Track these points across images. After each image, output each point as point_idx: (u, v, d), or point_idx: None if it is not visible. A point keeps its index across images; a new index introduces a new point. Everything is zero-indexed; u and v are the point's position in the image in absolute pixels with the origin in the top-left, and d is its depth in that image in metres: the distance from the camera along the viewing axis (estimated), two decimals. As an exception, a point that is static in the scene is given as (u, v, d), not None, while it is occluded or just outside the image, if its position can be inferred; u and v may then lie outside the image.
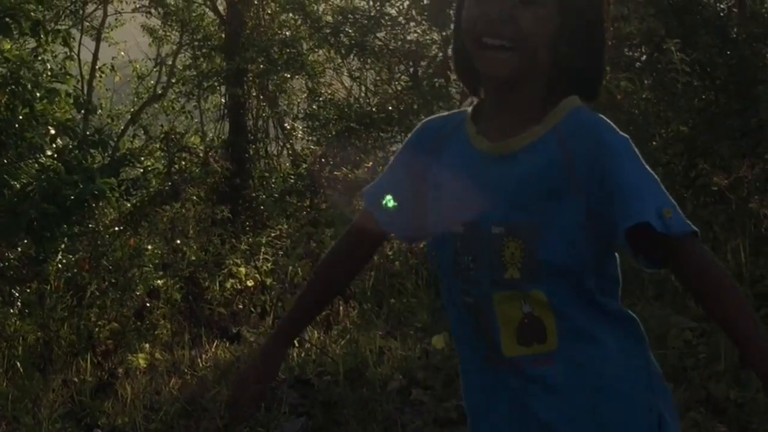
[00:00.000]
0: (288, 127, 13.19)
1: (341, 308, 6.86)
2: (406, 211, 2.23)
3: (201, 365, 6.09)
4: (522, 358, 2.06)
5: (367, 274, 7.71)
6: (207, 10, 14.35)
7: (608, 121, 2.02)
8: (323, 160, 11.67)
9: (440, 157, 2.17)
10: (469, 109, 2.18)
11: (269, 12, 12.40)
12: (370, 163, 11.23)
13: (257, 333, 6.71)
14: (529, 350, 2.06)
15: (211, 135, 14.58)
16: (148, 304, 7.06)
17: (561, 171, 1.99)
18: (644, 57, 9.08)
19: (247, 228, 11.14)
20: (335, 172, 11.01)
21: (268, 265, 8.35)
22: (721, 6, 9.43)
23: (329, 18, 10.84)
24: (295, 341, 6.12)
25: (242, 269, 8.17)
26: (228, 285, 8.22)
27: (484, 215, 2.06)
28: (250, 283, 8.29)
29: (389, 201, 2.21)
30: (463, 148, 2.13)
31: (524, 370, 2.06)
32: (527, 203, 2.01)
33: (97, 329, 6.74)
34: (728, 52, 8.35)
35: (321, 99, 11.86)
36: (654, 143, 8.44)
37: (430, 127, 2.23)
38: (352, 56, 10.59)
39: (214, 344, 6.56)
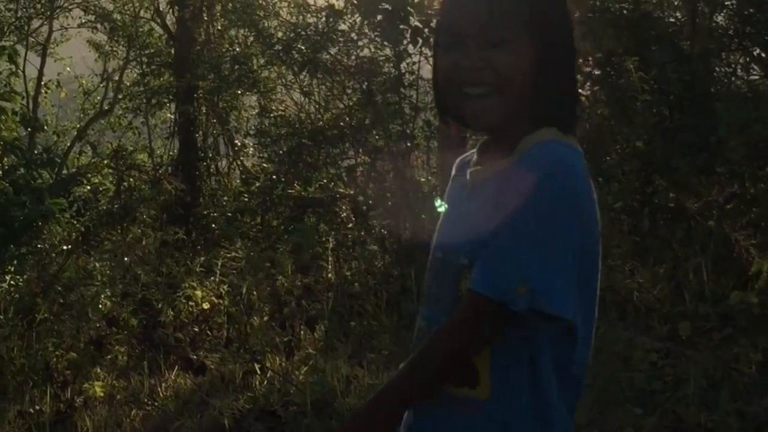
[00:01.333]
0: (238, 144, 13.06)
1: (302, 332, 6.76)
2: None
3: (161, 395, 5.97)
4: (452, 396, 2.02)
5: (326, 295, 7.64)
6: (155, 25, 14.20)
7: (556, 168, 1.94)
8: (274, 177, 11.56)
9: (449, 191, 2.23)
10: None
11: (219, 28, 12.27)
12: (324, 180, 11.14)
13: (217, 360, 6.60)
14: (460, 392, 2.01)
15: (159, 152, 14.41)
16: (106, 333, 6.90)
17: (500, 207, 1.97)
18: (598, 72, 9.08)
19: (199, 248, 10.99)
20: (289, 190, 10.91)
21: (225, 287, 8.22)
22: (671, 20, 9.46)
23: (281, 34, 10.73)
24: (257, 368, 6.04)
25: (198, 292, 8.04)
26: (184, 308, 8.08)
27: (457, 245, 2.06)
28: (206, 306, 8.15)
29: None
30: (463, 177, 2.16)
31: (452, 408, 2.02)
32: (481, 237, 1.97)
33: (54, 359, 6.58)
34: (681, 68, 8.37)
35: (272, 115, 11.74)
36: (609, 159, 8.44)
37: (459, 161, 2.25)
38: (304, 73, 10.48)
39: (174, 372, 6.44)
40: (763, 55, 8.83)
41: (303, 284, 7.27)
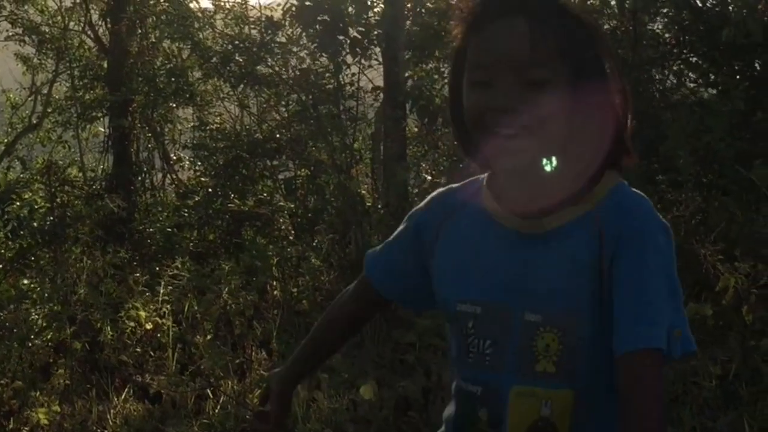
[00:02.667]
0: (174, 158, 12.86)
1: (253, 353, 6.62)
2: (408, 279, 2.10)
3: (110, 422, 5.80)
4: None
5: (272, 312, 7.51)
6: (86, 38, 13.93)
7: (649, 203, 1.86)
8: (210, 191, 11.42)
9: (451, 230, 2.02)
10: (483, 179, 2.01)
11: (153, 40, 12.07)
12: (264, 194, 11.01)
13: (164, 383, 6.43)
14: None
15: (91, 166, 14.15)
16: (52, 359, 6.70)
17: (594, 253, 1.83)
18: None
19: (135, 264, 10.77)
20: (229, 204, 10.76)
21: (168, 306, 8.04)
22: (609, 27, 9.47)
23: (218, 47, 10.59)
24: (209, 392, 5.89)
25: (142, 312, 7.85)
26: (127, 329, 7.88)
27: (513, 299, 1.88)
28: (148, 326, 7.97)
29: None
30: (480, 221, 1.97)
31: None
32: (566, 290, 1.84)
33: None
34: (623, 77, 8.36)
35: (209, 128, 11.58)
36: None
37: (442, 198, 2.08)
38: (243, 86, 10.34)
39: (122, 397, 6.26)
40: (702, 63, 8.88)
41: (250, 302, 7.11)
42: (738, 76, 7.41)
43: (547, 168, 1.87)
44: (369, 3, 9.98)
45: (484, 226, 1.96)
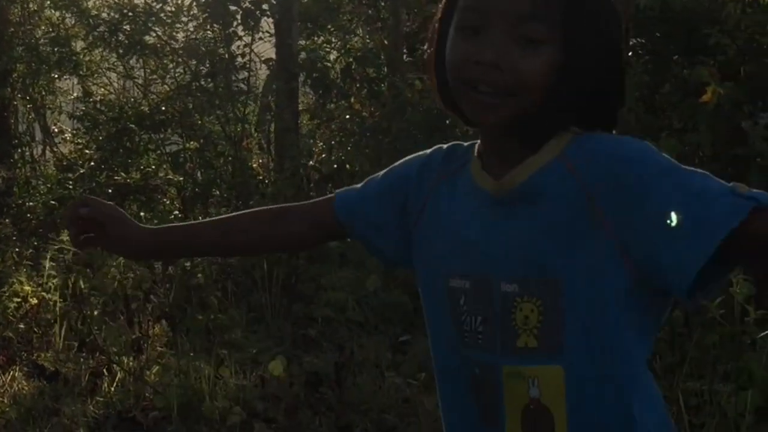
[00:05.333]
0: (56, 130, 12.45)
1: (149, 329, 6.38)
2: (383, 224, 1.90)
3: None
4: None
5: (164, 287, 7.27)
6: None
7: (617, 137, 1.67)
8: (93, 163, 11.08)
9: (444, 191, 1.82)
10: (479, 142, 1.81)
11: (35, 8, 11.63)
12: (153, 166, 10.72)
13: (50, 359, 6.15)
14: None
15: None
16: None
17: (578, 207, 1.62)
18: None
19: (15, 239, 10.39)
20: (115, 177, 10.45)
21: (54, 281, 7.73)
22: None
23: (105, 15, 10.24)
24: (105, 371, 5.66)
25: (27, 287, 7.53)
26: (11, 305, 7.55)
27: (493, 269, 1.69)
28: (34, 301, 7.66)
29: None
30: (468, 185, 1.77)
31: None
32: (545, 254, 1.64)
33: None
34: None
35: (92, 100, 11.22)
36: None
37: (451, 152, 1.86)
38: (131, 56, 10.02)
39: (9, 376, 5.97)
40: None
41: (148, 276, 6.85)
42: (640, 51, 7.37)
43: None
44: (261, -27, 9.75)
45: (469, 191, 1.77)
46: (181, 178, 10.22)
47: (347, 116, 9.80)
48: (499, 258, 1.69)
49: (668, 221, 1.53)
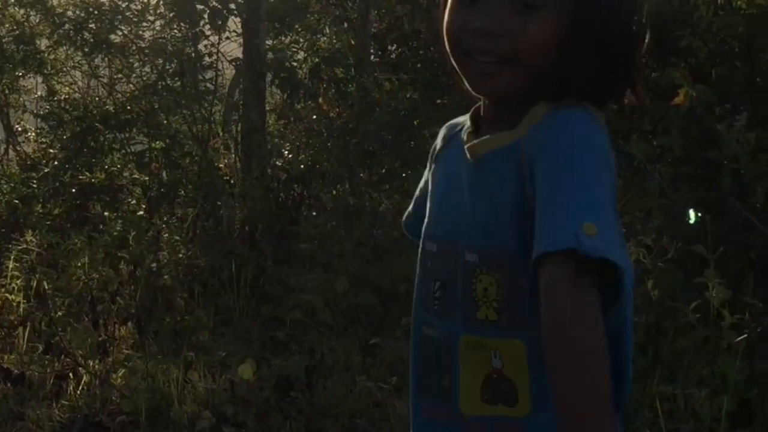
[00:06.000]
0: (20, 129, 12.31)
1: (115, 331, 6.29)
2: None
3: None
4: (483, 418, 1.67)
5: (129, 288, 7.18)
6: (-77, 1, 13.21)
7: (585, 116, 1.63)
8: (57, 162, 10.97)
9: (440, 159, 1.86)
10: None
11: (-1, 5, 11.50)
12: (118, 165, 10.62)
13: (18, 362, 6.06)
14: (493, 410, 1.66)
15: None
16: None
17: (516, 191, 1.61)
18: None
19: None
20: (80, 177, 10.34)
21: (18, 281, 7.63)
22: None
23: (70, 13, 10.12)
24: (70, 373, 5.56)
25: (-9, 288, 7.42)
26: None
27: (460, 236, 1.70)
28: (-3, 302, 7.55)
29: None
30: (458, 149, 1.78)
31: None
32: (504, 224, 1.63)
33: None
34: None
35: (58, 98, 11.10)
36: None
37: (448, 127, 1.89)
38: (97, 54, 9.92)
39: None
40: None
41: (114, 277, 6.76)
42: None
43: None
44: (229, -28, 9.66)
45: (457, 156, 1.79)
46: (147, 178, 10.13)
47: (314, 116, 9.75)
48: (464, 226, 1.70)
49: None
